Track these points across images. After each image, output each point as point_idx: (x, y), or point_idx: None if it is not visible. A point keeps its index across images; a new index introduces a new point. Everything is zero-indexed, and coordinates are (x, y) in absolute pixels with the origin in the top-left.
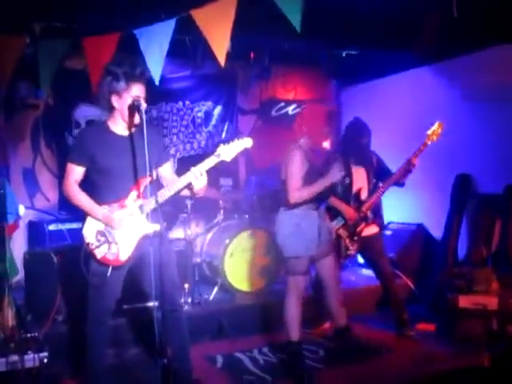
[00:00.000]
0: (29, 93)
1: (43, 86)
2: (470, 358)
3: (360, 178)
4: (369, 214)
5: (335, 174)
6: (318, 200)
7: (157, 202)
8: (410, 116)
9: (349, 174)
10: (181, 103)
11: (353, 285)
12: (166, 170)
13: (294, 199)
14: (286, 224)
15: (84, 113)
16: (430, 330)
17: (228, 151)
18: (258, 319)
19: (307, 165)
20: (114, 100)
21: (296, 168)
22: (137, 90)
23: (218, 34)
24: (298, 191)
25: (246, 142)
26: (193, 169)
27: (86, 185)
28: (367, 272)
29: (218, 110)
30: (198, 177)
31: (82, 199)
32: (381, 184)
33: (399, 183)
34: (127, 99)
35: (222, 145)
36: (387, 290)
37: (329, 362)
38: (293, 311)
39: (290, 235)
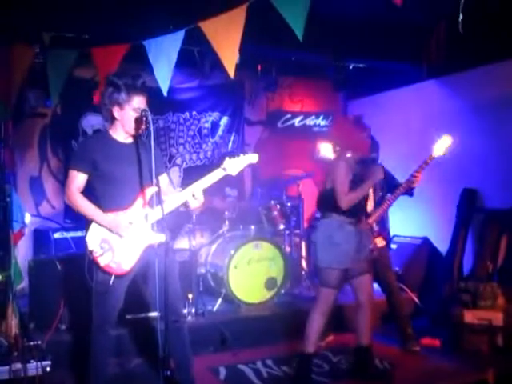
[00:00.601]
0: (37, 101)
1: (53, 96)
2: (475, 374)
3: None
4: (374, 226)
5: (378, 174)
6: (353, 214)
7: (163, 211)
8: (416, 129)
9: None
10: (188, 113)
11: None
12: (163, 181)
13: (344, 203)
14: (321, 234)
15: (91, 122)
16: (435, 345)
17: (234, 165)
18: (261, 331)
19: (351, 175)
20: (116, 111)
21: (342, 176)
22: (138, 102)
23: (227, 45)
24: (346, 195)
25: (252, 158)
26: (192, 187)
27: (89, 194)
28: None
29: (224, 120)
30: (194, 195)
31: (85, 206)
32: (387, 196)
33: (408, 193)
34: (128, 111)
35: (227, 158)
36: (392, 304)
37: (334, 377)
38: (317, 323)
39: (323, 246)
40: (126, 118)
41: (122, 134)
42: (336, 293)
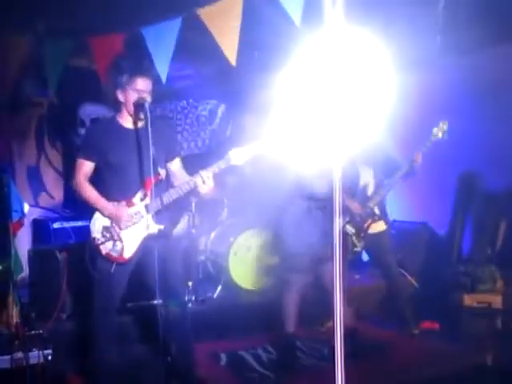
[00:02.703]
0: (33, 91)
1: (50, 85)
2: (474, 357)
3: (366, 174)
4: (376, 210)
5: None
6: (318, 199)
7: (162, 203)
8: (414, 113)
9: (355, 170)
10: (185, 102)
11: (357, 283)
12: (175, 166)
13: None
14: (287, 220)
15: (89, 111)
16: (434, 329)
17: (239, 155)
18: (261, 317)
19: None
20: (119, 94)
21: None
22: (141, 84)
23: (227, 32)
24: None
25: (259, 147)
26: (201, 172)
27: (95, 181)
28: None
29: (222, 108)
30: (205, 181)
31: (91, 195)
32: (387, 180)
33: (409, 174)
34: (131, 93)
35: (233, 148)
36: (391, 288)
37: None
38: (289, 306)
39: (291, 232)
40: (129, 100)
41: (129, 118)
42: (306, 277)
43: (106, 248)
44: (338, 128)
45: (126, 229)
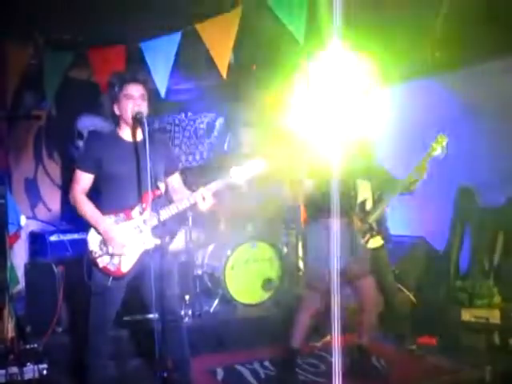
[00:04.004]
0: (32, 103)
1: (48, 97)
2: (472, 372)
3: (365, 189)
4: (374, 225)
5: None
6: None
7: (159, 219)
8: (412, 127)
9: (353, 185)
10: (183, 114)
11: (353, 298)
12: (175, 181)
13: None
14: (308, 237)
15: (87, 123)
16: (432, 344)
17: (240, 174)
18: (259, 332)
19: None
20: (115, 107)
21: None
22: (131, 89)
23: (221, 46)
24: None
25: (260, 165)
26: (201, 189)
27: (93, 193)
28: None
29: (220, 121)
30: (205, 198)
31: (87, 210)
32: (386, 195)
33: (408, 192)
34: (124, 101)
35: (234, 166)
36: (389, 303)
37: (330, 377)
38: (301, 321)
39: (311, 248)
40: (124, 109)
41: (128, 131)
42: (323, 295)
43: (103, 261)
44: (336, 140)
45: (117, 250)
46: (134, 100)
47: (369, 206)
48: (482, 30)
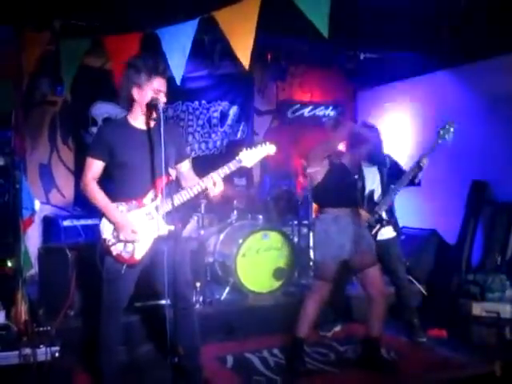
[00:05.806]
0: (48, 89)
1: (66, 83)
2: (482, 366)
3: (373, 180)
4: (384, 215)
5: None
6: (341, 205)
7: (173, 204)
8: (425, 120)
9: (361, 176)
10: (197, 103)
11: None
12: (185, 168)
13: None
14: (317, 228)
15: (101, 110)
16: (442, 337)
17: (249, 157)
18: (268, 320)
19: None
20: (135, 92)
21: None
22: (158, 84)
23: (242, 35)
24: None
25: (269, 149)
26: (212, 174)
27: (105, 181)
28: None
29: (233, 110)
30: (216, 183)
31: (98, 198)
32: (394, 185)
33: (414, 183)
34: (148, 92)
35: (243, 150)
36: (400, 295)
37: (340, 366)
38: (308, 311)
39: (319, 240)
40: (144, 99)
41: (141, 117)
42: (330, 285)
43: (116, 249)
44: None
45: (129, 238)
46: (159, 93)
47: (377, 196)
48: (500, 21)
